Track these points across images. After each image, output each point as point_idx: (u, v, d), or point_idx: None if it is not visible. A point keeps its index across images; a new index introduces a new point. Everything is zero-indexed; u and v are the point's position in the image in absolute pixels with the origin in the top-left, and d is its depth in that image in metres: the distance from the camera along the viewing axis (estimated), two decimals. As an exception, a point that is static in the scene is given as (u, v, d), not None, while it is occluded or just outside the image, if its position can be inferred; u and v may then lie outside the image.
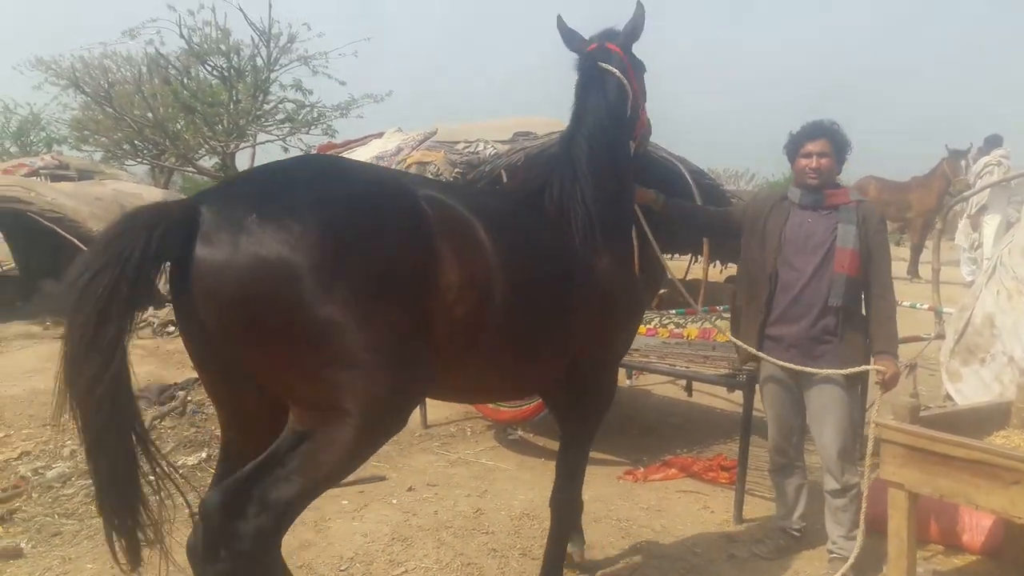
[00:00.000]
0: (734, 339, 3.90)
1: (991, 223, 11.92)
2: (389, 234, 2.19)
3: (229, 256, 1.97)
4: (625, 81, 3.24)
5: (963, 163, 12.83)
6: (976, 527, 3.92)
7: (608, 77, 3.24)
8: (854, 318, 3.70)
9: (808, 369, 3.66)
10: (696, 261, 9.89)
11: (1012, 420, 3.82)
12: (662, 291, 8.64)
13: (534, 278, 2.67)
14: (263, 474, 2.09)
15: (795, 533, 4.00)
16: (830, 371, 3.63)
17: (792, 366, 3.68)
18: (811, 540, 4.05)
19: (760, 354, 3.76)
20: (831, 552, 3.78)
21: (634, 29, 3.35)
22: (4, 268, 14.25)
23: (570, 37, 3.37)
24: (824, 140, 3.74)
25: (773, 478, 4.06)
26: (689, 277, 9.81)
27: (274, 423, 2.22)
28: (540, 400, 5.26)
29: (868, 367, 3.62)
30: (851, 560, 3.54)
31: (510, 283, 2.53)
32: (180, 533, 4.05)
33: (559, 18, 3.40)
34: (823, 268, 3.65)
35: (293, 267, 1.97)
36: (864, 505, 3.61)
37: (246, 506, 2.06)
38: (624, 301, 3.16)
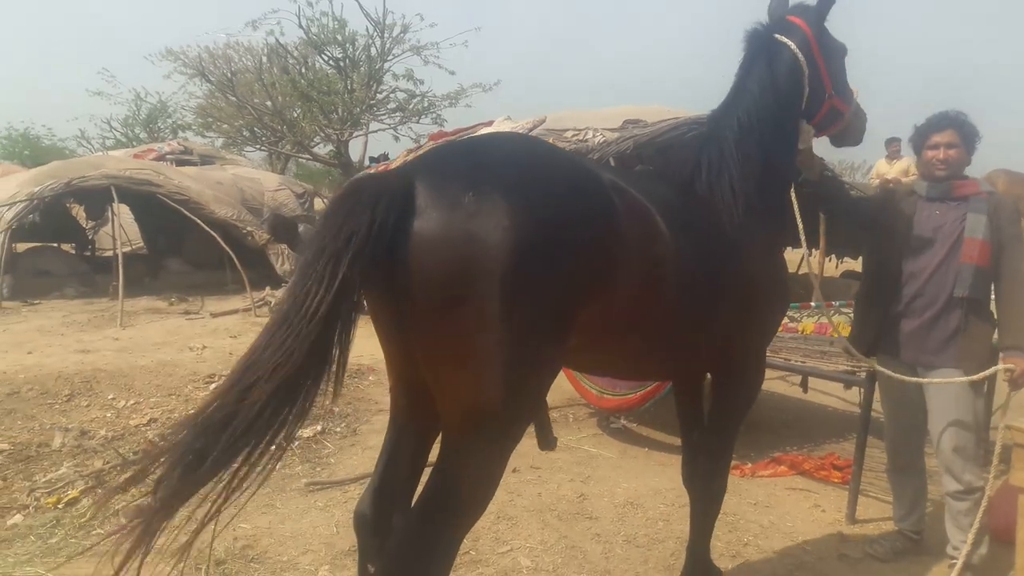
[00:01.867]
0: (849, 347, 3.76)
1: None
2: (590, 228, 2.16)
3: (446, 234, 1.94)
4: (802, 57, 3.03)
5: None
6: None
7: (781, 50, 3.05)
8: (981, 311, 3.54)
9: (934, 381, 3.53)
10: (811, 255, 9.58)
11: None
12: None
13: (693, 264, 2.60)
14: (429, 509, 2.10)
15: (913, 536, 3.85)
16: (952, 379, 3.48)
17: (911, 379, 3.57)
18: (929, 545, 3.88)
19: (877, 367, 3.66)
20: (952, 557, 3.61)
21: (823, 3, 3.12)
22: (134, 247, 15.11)
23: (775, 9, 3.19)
24: (951, 131, 3.61)
25: (891, 478, 3.93)
26: (801, 272, 9.51)
27: None
28: (646, 389, 5.25)
29: (995, 368, 3.45)
30: (960, 561, 3.40)
31: (675, 270, 2.50)
32: (295, 502, 4.26)
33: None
34: (949, 259, 3.53)
35: (506, 252, 1.94)
36: (983, 507, 3.44)
37: (425, 544, 2.08)
38: (770, 286, 3.03)
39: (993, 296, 3.61)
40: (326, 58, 18.08)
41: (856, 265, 10.44)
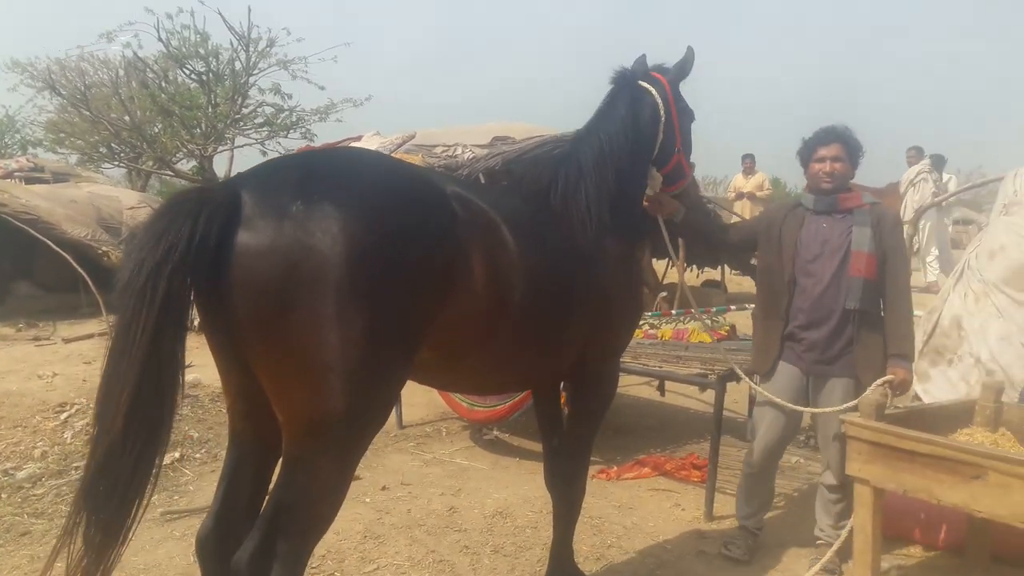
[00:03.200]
0: (737, 370, 3.93)
1: (926, 227, 12.55)
2: (425, 235, 2.20)
3: (272, 243, 1.96)
4: (661, 105, 3.27)
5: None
6: (940, 523, 3.98)
7: (644, 96, 3.28)
8: (872, 321, 3.66)
9: (816, 410, 3.73)
10: (672, 266, 9.98)
11: (976, 418, 3.88)
12: (663, 294, 8.74)
13: (545, 276, 2.70)
14: (273, 525, 2.10)
15: (755, 532, 4.00)
16: (836, 408, 3.63)
17: (794, 407, 3.74)
18: (766, 541, 4.08)
19: (762, 390, 3.86)
20: (818, 538, 3.82)
21: (682, 68, 3.41)
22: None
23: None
24: (838, 145, 3.75)
25: (748, 480, 4.02)
26: (665, 281, 9.88)
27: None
28: (515, 400, 5.31)
29: (876, 383, 3.53)
30: (836, 546, 3.61)
31: (525, 281, 2.58)
32: (150, 533, 4.06)
33: (643, 57, 3.45)
34: (840, 272, 3.65)
35: (335, 259, 1.97)
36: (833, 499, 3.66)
37: (271, 561, 2.08)
38: (623, 298, 3.19)
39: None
40: (188, 72, 17.40)
41: (716, 275, 10.97)
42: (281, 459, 2.16)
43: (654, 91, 3.30)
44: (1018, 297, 4.82)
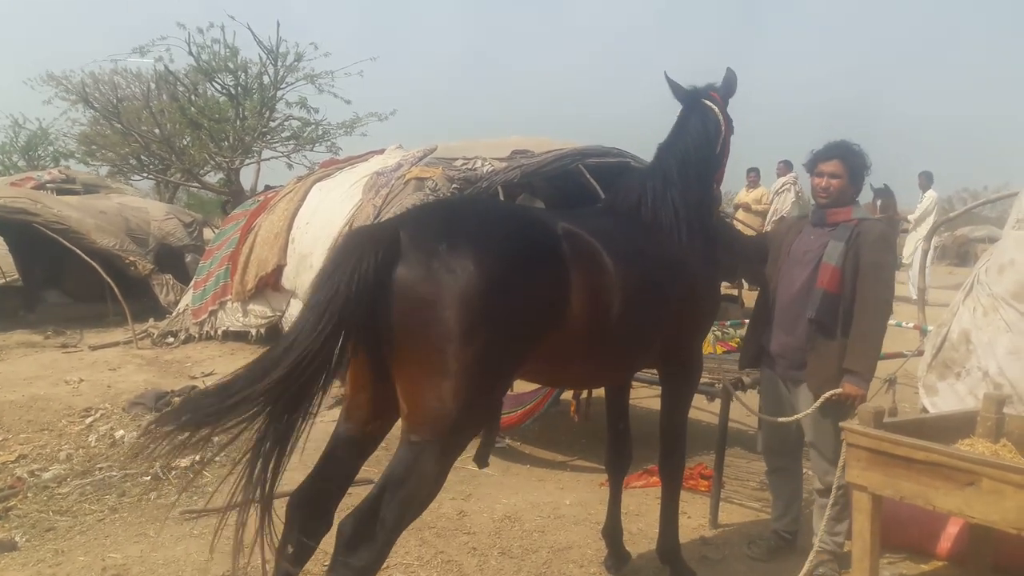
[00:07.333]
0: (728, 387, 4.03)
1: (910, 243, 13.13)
2: (538, 273, 2.69)
3: (423, 274, 2.47)
4: (722, 120, 3.68)
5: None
6: (943, 533, 4.02)
7: (709, 112, 3.68)
8: (829, 332, 3.73)
9: (779, 419, 3.91)
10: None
11: (978, 429, 3.93)
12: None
13: (639, 289, 3.08)
14: (381, 496, 2.50)
15: (786, 536, 4.06)
16: (787, 419, 3.86)
17: (759, 414, 4.01)
18: (802, 546, 4.06)
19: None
20: (815, 547, 3.85)
21: (729, 87, 3.80)
22: (8, 279, 14.40)
23: (675, 88, 3.77)
24: (836, 161, 3.80)
25: (769, 480, 4.19)
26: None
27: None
28: (526, 408, 5.41)
29: (821, 399, 3.68)
30: (814, 548, 3.67)
31: (624, 293, 2.98)
32: (169, 531, 4.20)
33: (665, 73, 3.76)
34: (809, 282, 3.76)
35: (468, 292, 2.45)
36: (831, 503, 3.71)
37: (373, 528, 2.50)
38: (707, 290, 3.63)
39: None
40: (217, 85, 17.82)
41: (733, 290, 11.00)
42: (400, 440, 2.57)
43: (716, 109, 3.69)
44: (1027, 311, 4.85)
